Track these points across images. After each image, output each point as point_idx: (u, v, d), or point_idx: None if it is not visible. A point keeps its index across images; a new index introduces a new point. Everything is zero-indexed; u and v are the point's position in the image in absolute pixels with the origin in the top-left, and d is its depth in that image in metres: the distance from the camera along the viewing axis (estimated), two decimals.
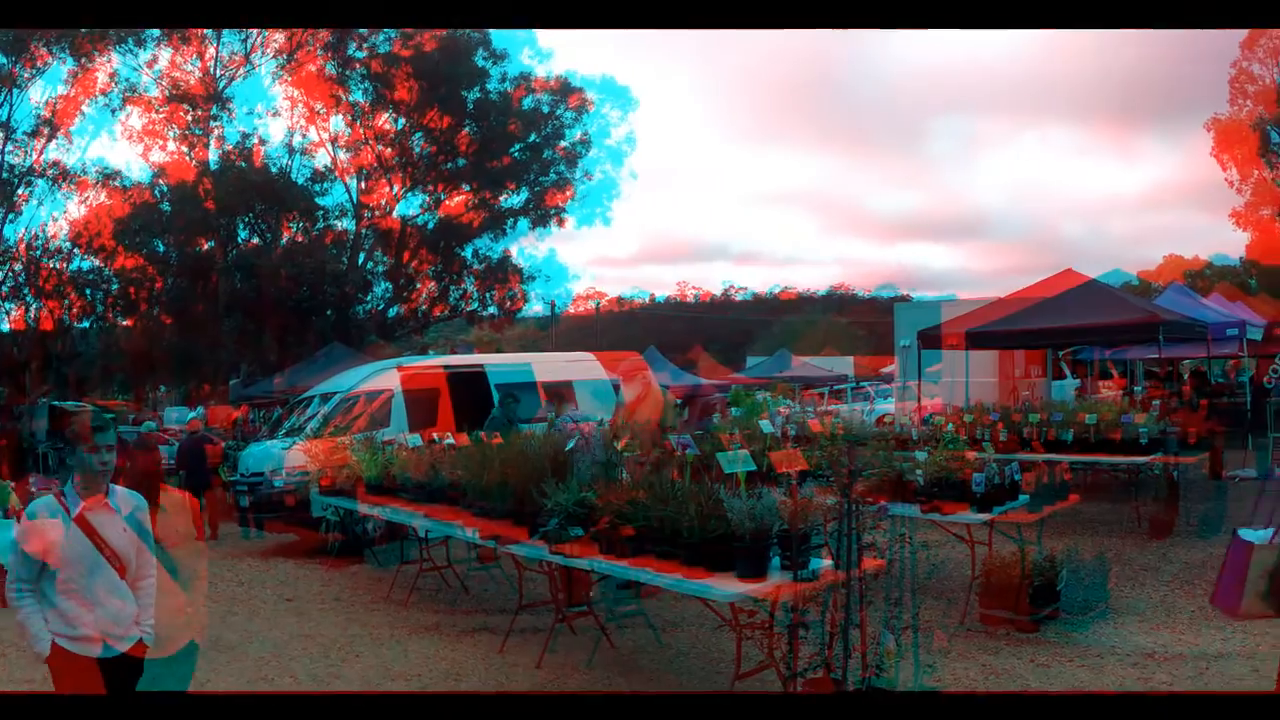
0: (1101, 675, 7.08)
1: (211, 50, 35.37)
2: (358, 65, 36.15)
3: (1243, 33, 56.61)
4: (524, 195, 39.31)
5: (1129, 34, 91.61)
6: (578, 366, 17.56)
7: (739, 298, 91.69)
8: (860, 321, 65.80)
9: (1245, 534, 5.11)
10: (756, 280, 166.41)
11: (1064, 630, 8.16)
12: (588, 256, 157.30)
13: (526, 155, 38.64)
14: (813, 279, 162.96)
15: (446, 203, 39.08)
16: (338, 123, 37.83)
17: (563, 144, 39.28)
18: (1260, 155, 53.42)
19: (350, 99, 36.91)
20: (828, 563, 5.86)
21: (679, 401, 18.04)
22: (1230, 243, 79.62)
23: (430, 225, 38.59)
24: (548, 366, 17.16)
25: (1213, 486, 15.37)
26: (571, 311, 78.61)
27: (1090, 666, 7.28)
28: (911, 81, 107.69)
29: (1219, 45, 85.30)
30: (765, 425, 7.39)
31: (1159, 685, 6.84)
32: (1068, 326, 14.70)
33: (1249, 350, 19.76)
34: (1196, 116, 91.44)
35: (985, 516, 8.07)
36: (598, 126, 40.50)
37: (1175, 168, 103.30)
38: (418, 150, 38.02)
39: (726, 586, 5.75)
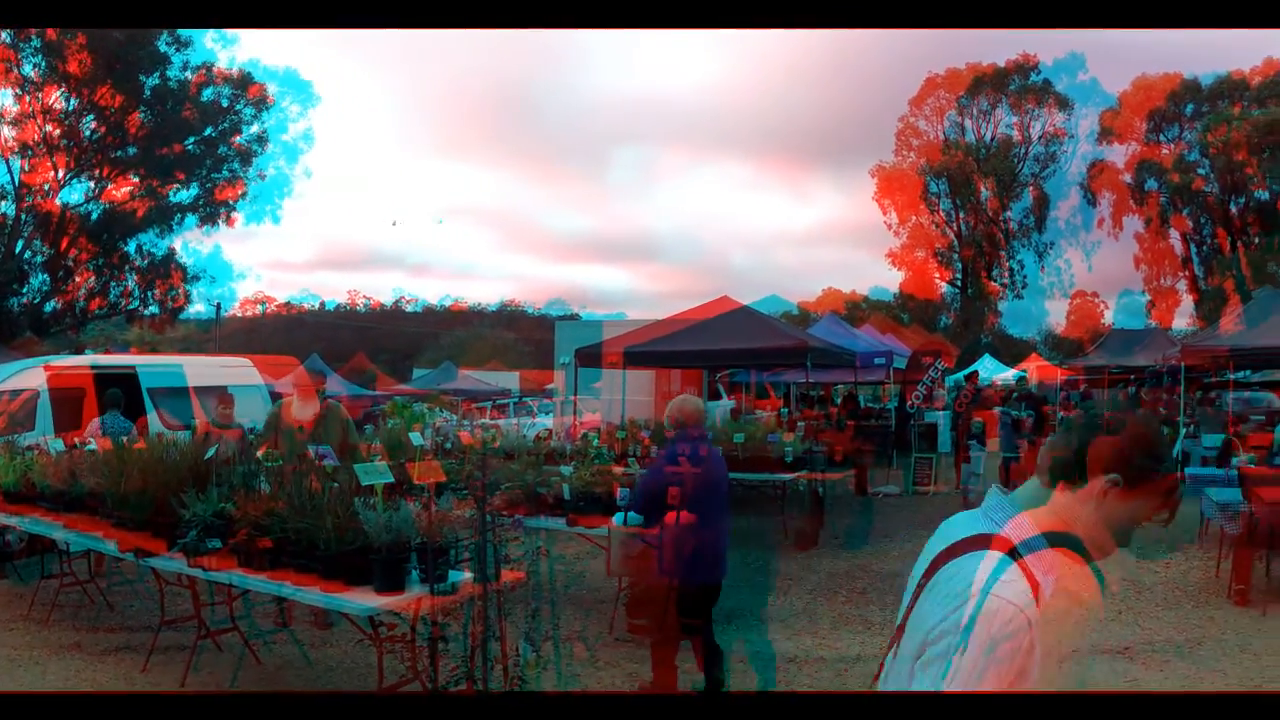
0: (745, 680, 7.35)
1: None
2: (33, 33, 33.54)
3: (913, 90, 62.11)
4: (194, 190, 37.64)
5: (806, 79, 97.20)
6: (233, 372, 16.97)
7: (409, 309, 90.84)
8: (528, 337, 66.69)
9: (615, 518, 6.99)
10: (428, 292, 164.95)
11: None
12: (258, 258, 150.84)
13: (200, 148, 37.00)
14: (484, 293, 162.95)
15: (112, 191, 36.77)
16: (4, 96, 34.97)
17: (239, 139, 37.93)
18: (921, 199, 58.58)
19: (22, 70, 34.18)
20: (468, 575, 5.85)
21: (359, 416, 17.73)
22: (888, 279, 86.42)
23: (94, 215, 36.22)
24: (202, 370, 16.52)
25: (858, 502, 16.48)
26: (237, 314, 75.79)
27: (736, 672, 7.49)
28: (600, 110, 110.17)
29: (888, 99, 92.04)
30: (416, 437, 7.36)
31: (801, 688, 7.18)
32: (720, 349, 15.37)
33: (895, 377, 21.30)
34: (863, 163, 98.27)
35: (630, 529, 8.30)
36: (276, 121, 39.35)
37: (840, 208, 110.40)
38: (87, 132, 35.66)
39: (364, 600, 5.64)
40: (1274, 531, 9.54)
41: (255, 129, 38.42)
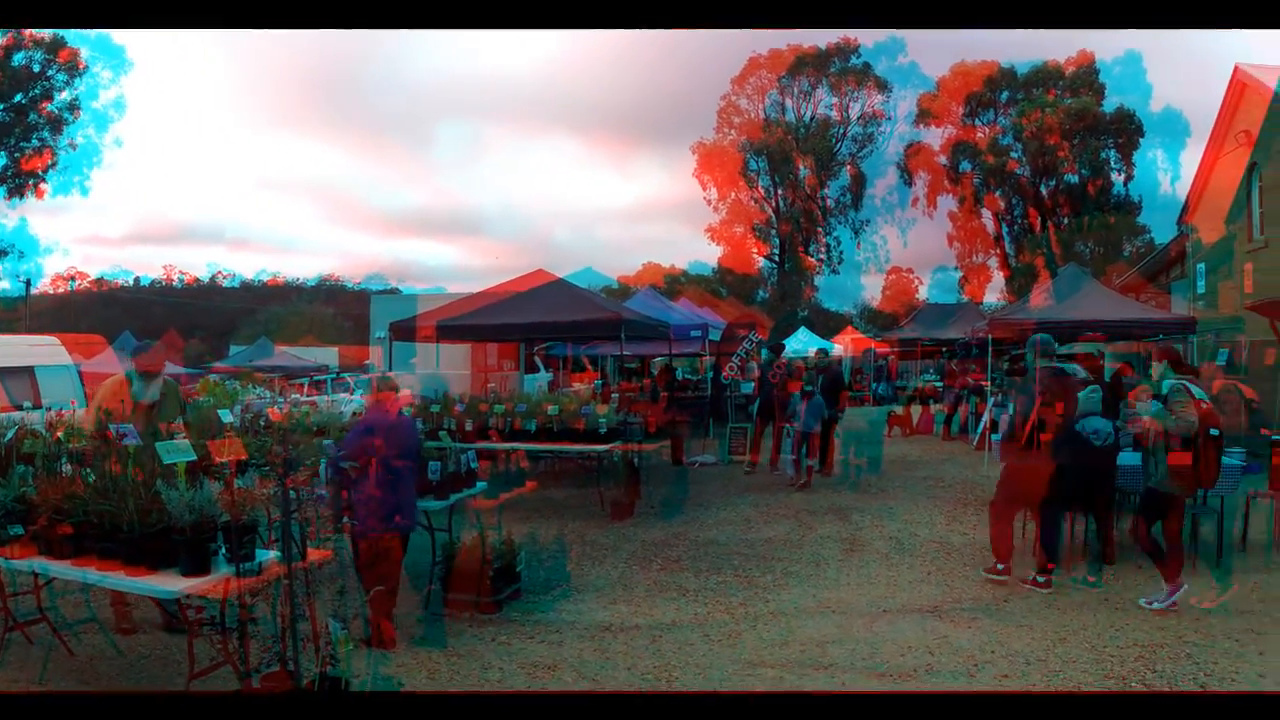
0: (561, 649, 7.54)
1: None
2: None
3: (736, 69, 63.34)
4: (1, 159, 35.80)
5: (633, 56, 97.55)
6: (40, 351, 16.43)
7: (226, 284, 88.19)
8: (347, 313, 65.72)
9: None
10: (246, 266, 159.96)
11: (526, 610, 8.58)
12: (69, 232, 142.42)
13: (9, 116, 35.17)
14: (303, 268, 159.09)
15: None
16: None
17: (49, 107, 36.20)
18: (741, 175, 59.88)
19: None
20: (274, 554, 5.86)
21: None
22: (707, 254, 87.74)
23: None
24: (6, 350, 15.94)
25: (674, 472, 16.87)
26: (47, 291, 72.45)
27: (550, 642, 7.73)
28: (427, 85, 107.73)
29: (711, 78, 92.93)
30: (225, 414, 7.32)
31: (615, 655, 7.37)
32: (534, 322, 15.47)
33: (711, 349, 21.75)
34: (685, 139, 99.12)
35: (443, 503, 8.45)
36: (88, 87, 37.68)
37: (662, 185, 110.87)
38: None
39: (169, 584, 5.62)
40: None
41: (66, 96, 36.70)
